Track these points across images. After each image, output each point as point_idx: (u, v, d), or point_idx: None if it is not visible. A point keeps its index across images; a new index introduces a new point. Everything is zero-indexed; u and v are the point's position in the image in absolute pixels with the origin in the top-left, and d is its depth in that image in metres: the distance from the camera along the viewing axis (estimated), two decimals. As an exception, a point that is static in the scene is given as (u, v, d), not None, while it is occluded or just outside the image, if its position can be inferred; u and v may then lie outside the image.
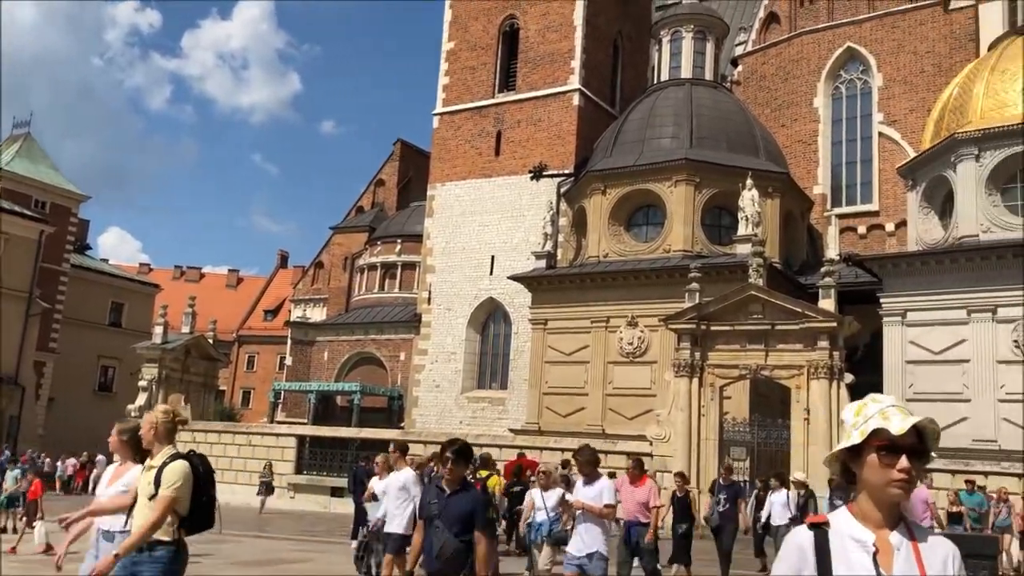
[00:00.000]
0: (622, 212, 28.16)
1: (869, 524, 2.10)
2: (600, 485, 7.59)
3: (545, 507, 10.03)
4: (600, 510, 7.46)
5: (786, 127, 32.42)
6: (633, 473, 10.11)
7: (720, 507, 13.06)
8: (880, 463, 2.07)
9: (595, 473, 7.74)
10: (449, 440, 5.58)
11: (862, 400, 2.20)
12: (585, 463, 7.81)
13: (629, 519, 10.18)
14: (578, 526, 7.70)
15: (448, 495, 5.27)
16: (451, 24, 35.64)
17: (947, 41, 29.74)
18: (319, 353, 37.99)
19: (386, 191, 45.09)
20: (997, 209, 21.90)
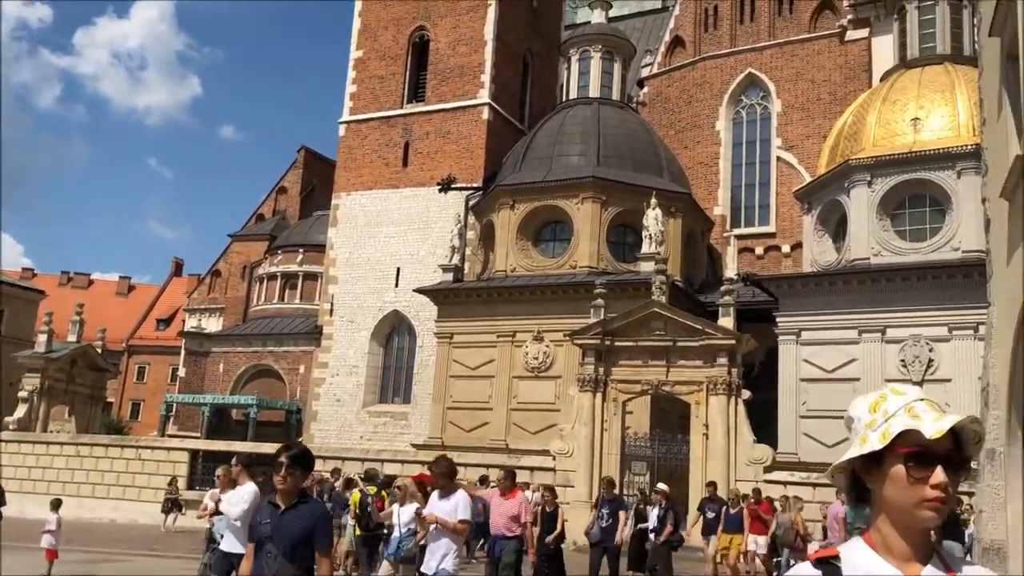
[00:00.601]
0: (530, 227, 28.26)
1: (893, 558, 1.59)
2: (456, 499, 7.18)
3: (399, 523, 9.42)
4: (454, 525, 7.07)
5: (689, 149, 33.18)
6: (504, 485, 9.75)
7: (603, 522, 12.90)
8: (909, 477, 1.56)
9: (451, 486, 7.32)
10: (284, 444, 4.88)
11: (877, 392, 1.70)
12: (441, 475, 7.35)
13: (495, 533, 9.80)
14: (431, 543, 7.30)
15: (282, 512, 4.55)
16: (360, 32, 35.23)
17: (842, 71, 31.02)
18: (214, 365, 36.77)
19: (288, 199, 44.14)
20: (887, 234, 22.85)
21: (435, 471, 7.41)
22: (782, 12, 32.96)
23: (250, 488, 8.02)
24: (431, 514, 7.21)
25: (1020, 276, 8.84)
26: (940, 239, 22.09)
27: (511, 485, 9.80)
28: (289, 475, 4.55)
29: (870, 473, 1.62)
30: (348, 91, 34.87)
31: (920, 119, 22.73)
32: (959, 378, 20.88)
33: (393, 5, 34.74)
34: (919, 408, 1.61)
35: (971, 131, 21.61)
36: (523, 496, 10.08)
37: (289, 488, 4.57)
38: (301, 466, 4.62)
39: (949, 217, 22.10)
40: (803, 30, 32.25)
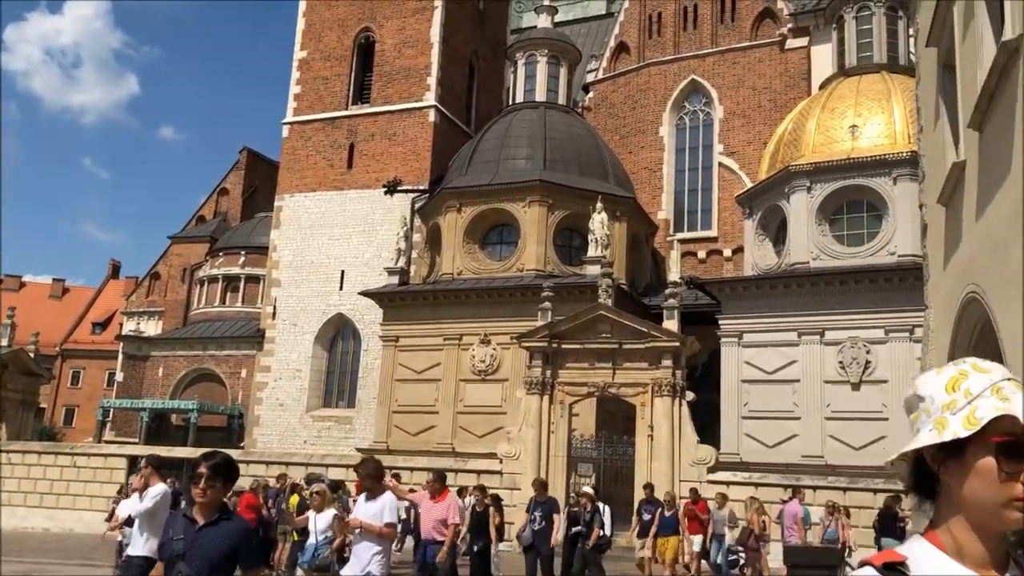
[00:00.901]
0: (477, 230, 28.25)
1: (968, 562, 1.37)
2: (383, 502, 6.91)
3: (315, 530, 9.05)
4: (380, 529, 6.82)
5: (633, 154, 33.52)
6: (433, 487, 9.46)
7: (535, 525, 12.69)
8: (1000, 472, 1.33)
9: (378, 488, 7.00)
10: (206, 452, 4.37)
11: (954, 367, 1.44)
12: (367, 477, 7.02)
13: (426, 537, 9.53)
14: (355, 546, 7.01)
15: (200, 527, 4.05)
16: (304, 33, 34.86)
17: (782, 79, 31.66)
18: (153, 369, 35.99)
19: (230, 201, 43.42)
20: (826, 238, 23.37)
21: (361, 473, 7.15)
22: (724, 20, 33.51)
23: (159, 488, 7.62)
24: (355, 519, 6.97)
25: (957, 279, 9.13)
26: (877, 243, 22.68)
27: (441, 487, 9.51)
28: (210, 487, 4.07)
29: (946, 464, 1.38)
30: (292, 92, 34.46)
31: (858, 126, 23.31)
32: (895, 379, 21.43)
33: (338, 6, 34.45)
34: (1008, 389, 1.37)
35: (907, 139, 22.24)
36: (453, 498, 9.75)
37: (209, 501, 4.09)
38: (224, 477, 4.13)
39: (885, 222, 22.70)
40: (745, 38, 32.84)
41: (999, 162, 6.99)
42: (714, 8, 33.73)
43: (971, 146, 8.02)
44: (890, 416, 21.34)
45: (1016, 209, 6.60)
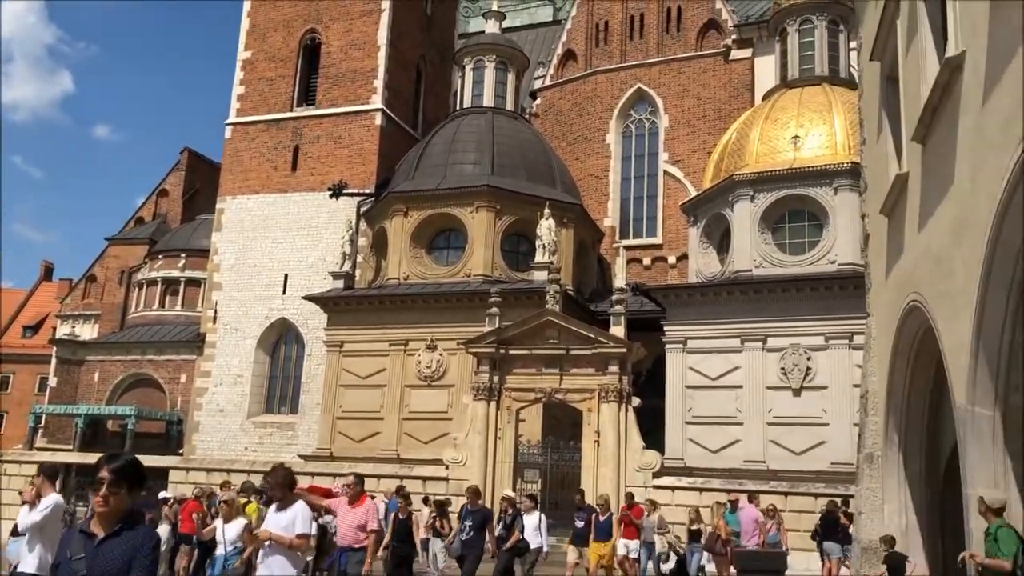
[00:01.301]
0: (424, 235, 28.11)
1: None
2: (294, 511, 6.56)
3: (224, 540, 8.57)
4: (291, 540, 6.46)
5: (580, 160, 33.71)
6: (352, 492, 9.03)
7: (464, 535, 12.36)
8: None
9: (290, 497, 6.63)
10: (107, 454, 3.84)
11: None
12: (277, 485, 6.64)
13: (342, 544, 9.13)
14: (266, 559, 6.59)
15: (99, 542, 3.58)
16: (248, 33, 34.33)
17: (727, 89, 32.15)
18: (89, 374, 35.01)
19: (170, 202, 42.52)
20: (768, 247, 23.77)
21: (270, 481, 6.72)
22: (670, 30, 33.93)
23: (51, 499, 7.23)
24: (264, 530, 6.61)
25: (899, 288, 9.33)
26: (818, 252, 23.13)
27: (360, 492, 9.07)
28: (112, 494, 3.59)
29: None
30: (235, 92, 33.91)
31: (800, 137, 23.77)
32: (835, 386, 21.87)
33: (283, 7, 34.02)
34: None
35: (847, 150, 22.74)
36: (371, 504, 9.27)
37: (112, 511, 3.60)
38: (129, 483, 3.65)
39: (826, 231, 23.17)
40: (690, 48, 33.29)
41: (942, 175, 7.17)
42: (660, 18, 34.14)
43: (914, 158, 8.21)
44: (830, 422, 21.79)
45: (958, 220, 6.77)
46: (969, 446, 6.54)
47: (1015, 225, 5.62)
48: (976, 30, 6.05)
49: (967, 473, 6.62)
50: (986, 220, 5.86)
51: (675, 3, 34.09)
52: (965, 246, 6.52)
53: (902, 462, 9.68)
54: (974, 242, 6.21)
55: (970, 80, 6.27)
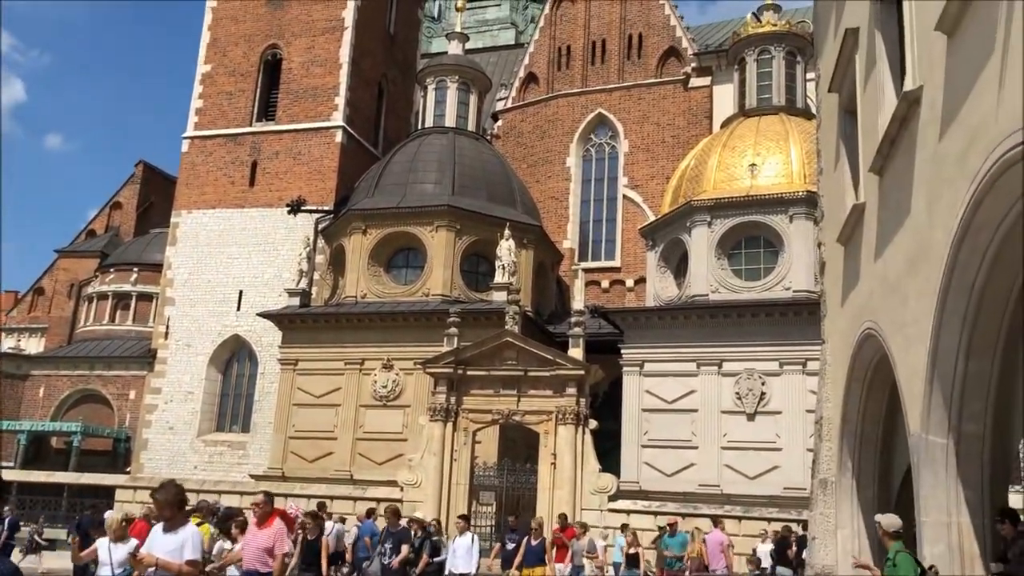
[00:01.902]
0: (383, 253, 27.95)
1: None
2: (184, 535, 6.09)
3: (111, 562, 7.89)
4: (179, 567, 5.96)
5: (540, 183, 33.87)
6: (260, 512, 8.49)
7: (384, 557, 11.98)
8: None
9: (179, 518, 6.15)
10: None
11: None
12: (166, 504, 6.06)
13: (247, 568, 8.57)
14: None
15: None
16: (209, 47, 34.02)
17: (686, 116, 32.58)
18: (33, 389, 34.12)
19: (123, 215, 41.84)
20: (725, 272, 24.03)
21: (159, 499, 6.13)
22: (631, 56, 34.34)
23: None
24: (148, 554, 6.07)
25: (854, 316, 9.48)
26: (773, 279, 23.44)
27: (269, 512, 8.46)
28: None
29: None
30: (194, 106, 33.53)
31: (757, 165, 24.13)
32: (788, 411, 22.12)
33: (245, 22, 33.79)
34: None
35: (803, 178, 23.14)
36: (280, 525, 8.68)
37: None
38: None
39: (781, 258, 23.50)
40: (650, 75, 33.71)
41: (898, 206, 7.30)
42: (621, 44, 34.55)
43: (871, 189, 8.36)
44: (783, 447, 22.01)
45: (914, 251, 6.90)
46: (923, 473, 6.63)
47: (970, 257, 5.73)
48: (933, 66, 6.19)
49: (920, 500, 6.70)
50: (941, 252, 5.97)
51: (636, 30, 34.54)
52: (920, 276, 6.63)
53: (856, 488, 9.78)
54: (929, 273, 6.33)
55: (927, 114, 6.41)
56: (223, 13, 34.14)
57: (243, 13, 33.86)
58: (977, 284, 5.86)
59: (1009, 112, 4.75)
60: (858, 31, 8.75)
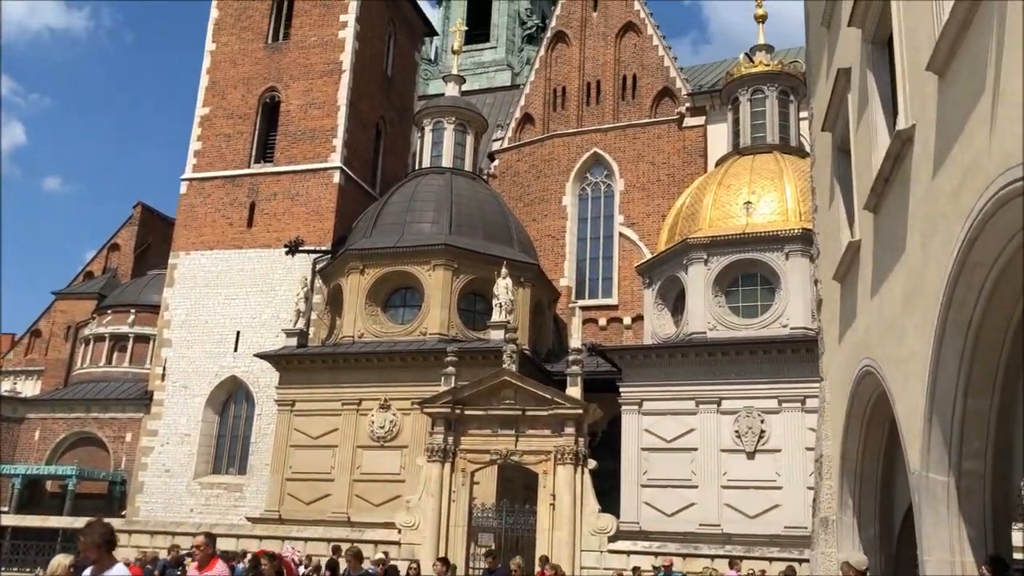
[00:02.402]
0: (380, 293, 27.96)
1: None
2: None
3: None
4: None
5: (537, 221, 34.01)
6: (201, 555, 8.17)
7: None
8: None
9: (107, 560, 5.78)
10: None
11: None
12: (93, 545, 5.72)
13: None
14: None
15: None
16: (207, 90, 34.34)
17: (680, 155, 32.83)
18: (29, 432, 33.86)
19: (121, 256, 41.86)
20: (722, 309, 24.05)
21: (84, 540, 5.78)
22: (626, 97, 34.71)
23: None
24: None
25: (852, 353, 9.47)
26: (770, 316, 23.45)
27: (211, 555, 8.09)
28: None
29: None
30: (192, 148, 33.76)
31: (752, 203, 24.26)
32: (788, 449, 21.99)
33: (244, 65, 34.15)
34: None
35: (798, 216, 23.26)
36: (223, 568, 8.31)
37: None
38: None
39: (778, 295, 23.53)
40: (645, 115, 34.03)
41: (893, 243, 7.34)
42: (616, 85, 34.92)
43: (866, 226, 8.41)
44: (783, 485, 21.85)
45: (910, 288, 6.92)
46: (924, 512, 6.59)
47: (966, 294, 5.75)
48: (925, 105, 6.26)
49: (923, 539, 6.65)
50: (937, 289, 5.99)
51: (630, 71, 34.93)
52: (917, 313, 6.65)
53: (857, 526, 9.71)
54: (926, 310, 6.34)
55: (920, 153, 6.47)
56: (222, 57, 34.51)
57: (242, 57, 34.23)
58: (974, 321, 5.88)
59: (1001, 150, 4.80)
60: (850, 71, 8.87)
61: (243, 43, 34.39)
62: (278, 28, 34.49)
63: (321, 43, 33.40)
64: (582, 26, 35.97)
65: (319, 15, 33.78)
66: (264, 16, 34.51)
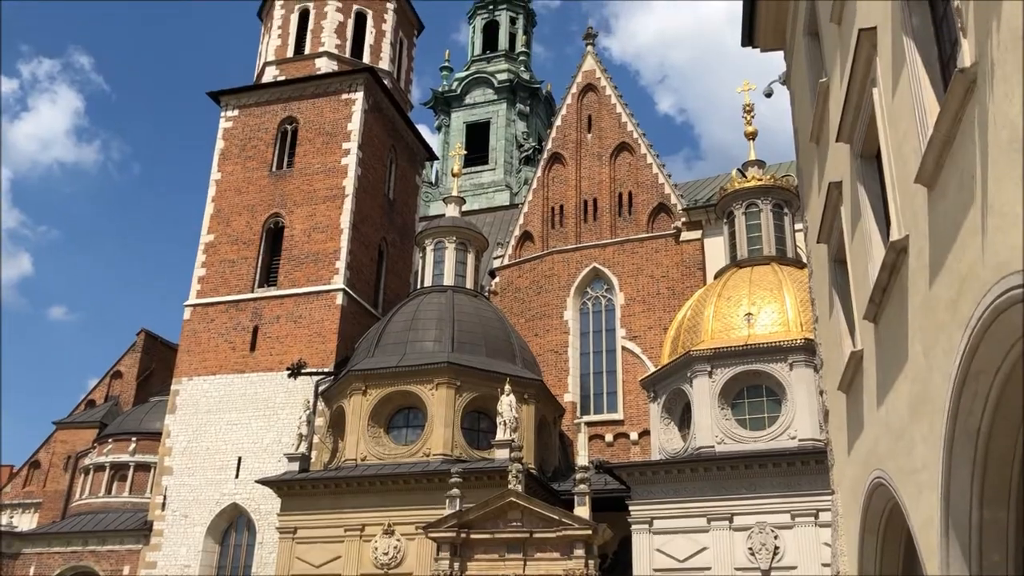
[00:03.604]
0: (383, 414, 27.73)
1: None
2: None
3: None
4: None
5: (539, 336, 34.05)
6: None
7: None
8: None
9: None
10: None
11: None
12: None
13: None
14: None
15: None
16: (212, 217, 35.03)
17: (679, 268, 33.16)
18: (24, 568, 32.94)
19: (123, 384, 41.77)
20: (729, 422, 23.77)
21: None
22: (622, 213, 35.33)
23: None
24: None
25: (862, 465, 9.31)
26: (778, 428, 23.15)
27: None
28: None
29: None
30: (196, 274, 34.16)
31: (753, 314, 24.33)
32: (804, 565, 21.31)
33: (248, 193, 34.93)
34: None
35: (799, 326, 23.28)
36: None
37: None
38: None
39: (785, 407, 23.30)
40: (642, 230, 34.56)
41: (896, 352, 7.32)
42: (612, 202, 35.61)
43: (867, 336, 8.41)
44: (803, 604, 21.07)
45: (916, 397, 6.87)
46: (948, 630, 6.33)
47: (972, 403, 5.70)
48: (917, 216, 6.37)
49: (950, 660, 6.37)
50: (943, 398, 5.94)
51: (626, 188, 35.67)
52: (925, 424, 6.57)
53: (881, 647, 9.32)
54: (933, 420, 6.27)
55: (915, 263, 6.54)
56: (227, 185, 35.34)
57: (247, 184, 35.05)
58: (982, 430, 5.80)
59: (995, 260, 4.85)
60: (841, 184, 9.06)
61: (248, 172, 35.28)
62: (282, 156, 35.45)
63: (325, 170, 34.26)
64: (577, 147, 36.96)
65: (322, 143, 34.78)
66: (268, 146, 35.51)
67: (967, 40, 5.19)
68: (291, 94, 36.03)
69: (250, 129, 36.01)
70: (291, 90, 36.06)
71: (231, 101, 36.75)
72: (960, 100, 5.24)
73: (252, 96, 36.63)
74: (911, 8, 6.44)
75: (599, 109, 37.26)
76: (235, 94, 36.81)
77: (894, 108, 6.98)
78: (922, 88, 6.17)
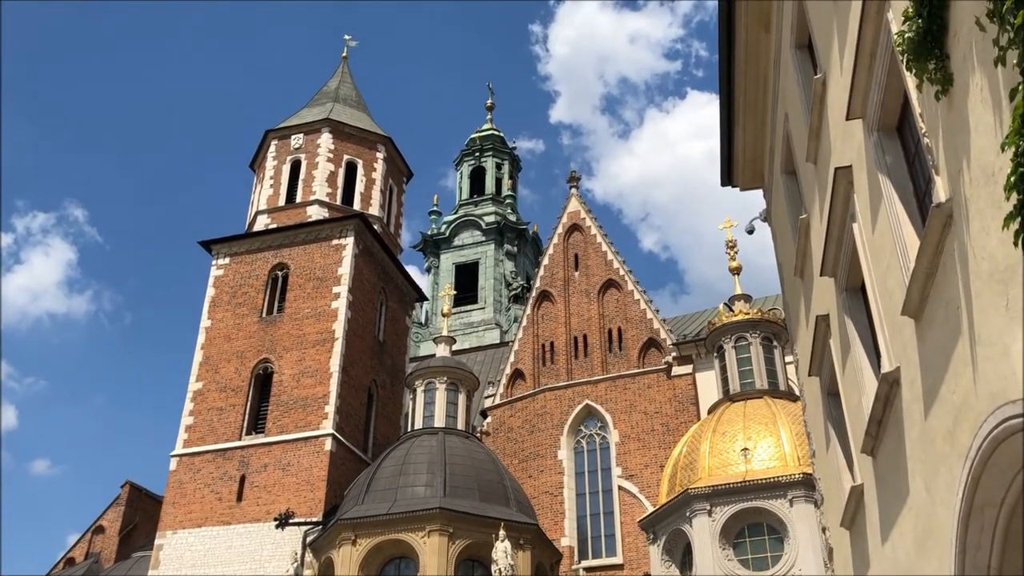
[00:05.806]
0: (373, 564, 26.75)
1: None
2: None
3: None
4: None
5: (533, 477, 33.40)
6: None
7: None
8: None
9: None
10: None
11: None
12: None
13: None
14: None
15: None
16: (201, 365, 34.81)
17: (672, 403, 32.95)
18: None
19: (105, 540, 40.33)
20: (732, 563, 23.06)
21: None
22: (613, 349, 35.42)
23: None
24: None
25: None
26: (782, 567, 22.45)
27: None
28: None
29: None
30: (183, 423, 33.64)
31: (749, 449, 24.03)
32: None
33: (238, 339, 34.89)
34: None
35: (797, 460, 22.96)
36: None
37: None
38: None
39: (787, 544, 22.68)
40: (633, 365, 34.54)
41: (897, 486, 7.19)
42: (602, 338, 35.75)
43: (866, 470, 8.28)
44: None
45: (921, 532, 6.69)
46: None
47: (979, 537, 5.56)
48: (906, 348, 6.39)
49: None
50: (949, 532, 5.79)
51: (615, 324, 35.90)
52: (932, 559, 6.39)
53: None
54: (941, 555, 6.10)
55: (909, 394, 6.51)
56: (217, 332, 35.34)
57: (236, 331, 35.07)
58: (992, 565, 5.63)
59: (988, 390, 4.84)
60: (828, 317, 9.13)
61: (238, 318, 35.37)
62: (272, 302, 35.64)
63: (315, 314, 34.40)
64: (565, 285, 37.41)
65: (312, 288, 35.08)
66: (259, 292, 35.77)
67: (939, 177, 5.36)
68: (282, 241, 36.62)
69: (241, 276, 36.36)
70: (282, 237, 36.67)
71: (222, 249, 37.26)
72: (939, 234, 5.36)
73: (243, 244, 37.18)
74: (884, 147, 6.68)
75: (585, 247, 37.97)
76: (226, 243, 37.37)
77: (875, 242, 7.13)
78: (900, 223, 6.32)
